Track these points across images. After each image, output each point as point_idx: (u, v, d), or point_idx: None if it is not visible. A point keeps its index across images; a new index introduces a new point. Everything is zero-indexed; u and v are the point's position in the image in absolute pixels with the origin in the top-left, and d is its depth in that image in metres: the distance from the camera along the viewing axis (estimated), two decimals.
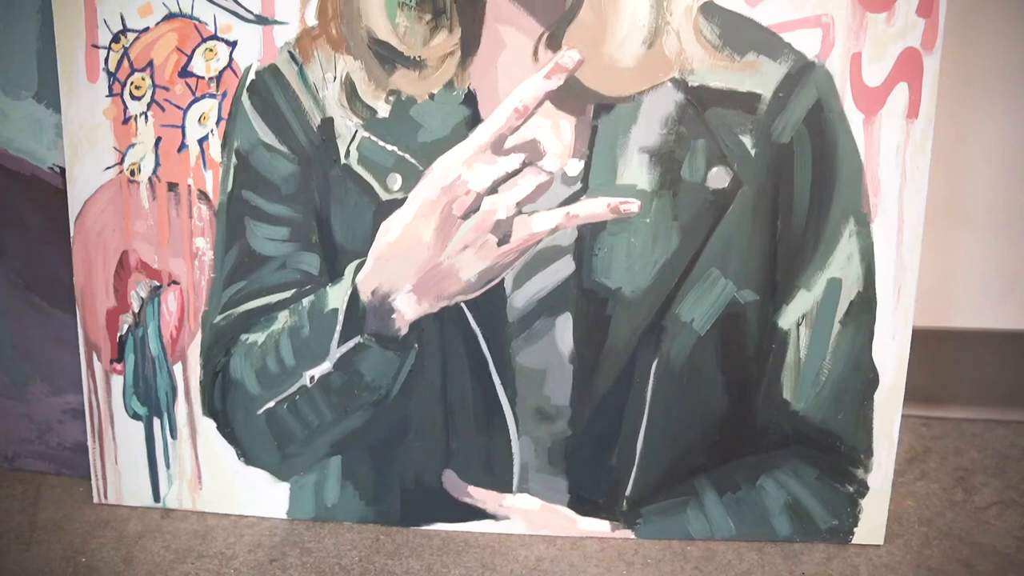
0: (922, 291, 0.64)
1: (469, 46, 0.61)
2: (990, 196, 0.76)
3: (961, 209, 0.77)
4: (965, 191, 0.76)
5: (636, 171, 0.60)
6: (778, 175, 0.60)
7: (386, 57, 0.61)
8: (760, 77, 0.59)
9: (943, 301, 0.80)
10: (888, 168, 0.61)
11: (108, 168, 0.65)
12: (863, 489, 0.65)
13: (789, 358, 0.63)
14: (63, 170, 0.67)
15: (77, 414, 0.71)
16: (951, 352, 0.81)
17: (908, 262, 0.62)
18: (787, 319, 0.62)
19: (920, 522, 0.69)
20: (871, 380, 0.63)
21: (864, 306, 0.62)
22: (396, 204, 0.61)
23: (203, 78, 0.63)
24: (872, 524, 0.65)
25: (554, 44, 0.60)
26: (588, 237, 0.62)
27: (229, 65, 0.63)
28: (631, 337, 0.62)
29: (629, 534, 0.66)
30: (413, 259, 0.61)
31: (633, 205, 0.60)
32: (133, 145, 0.65)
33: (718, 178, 0.60)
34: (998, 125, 0.73)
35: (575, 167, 0.61)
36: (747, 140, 0.60)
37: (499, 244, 0.60)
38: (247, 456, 0.68)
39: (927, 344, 0.75)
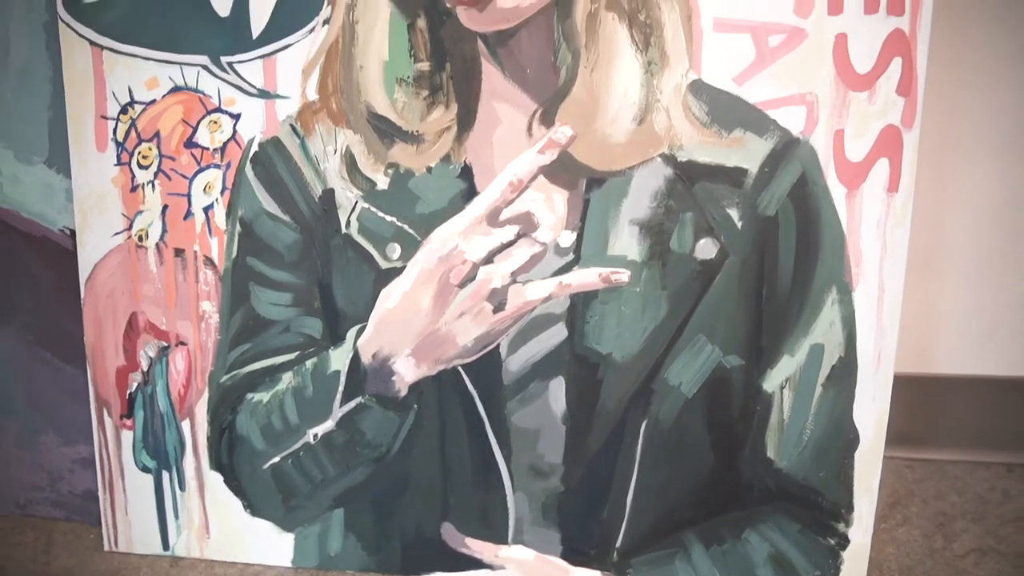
0: (906, 339, 0.66)
1: (465, 122, 0.63)
2: (970, 249, 0.78)
3: (942, 262, 0.79)
4: (946, 244, 0.79)
5: (627, 242, 0.63)
6: (763, 246, 0.63)
7: (385, 131, 0.63)
8: (747, 153, 0.62)
9: (926, 349, 0.82)
10: (869, 239, 0.63)
11: (117, 234, 0.68)
12: (844, 542, 0.67)
13: (773, 419, 0.65)
14: (73, 232, 0.69)
15: (87, 464, 0.74)
16: (934, 397, 0.84)
17: (888, 329, 0.64)
18: (771, 382, 0.65)
19: (900, 570, 0.71)
20: (852, 440, 0.66)
21: (845, 370, 0.64)
22: (395, 272, 0.63)
23: (208, 149, 0.65)
24: (853, 575, 0.68)
25: (547, 120, 0.62)
26: (580, 305, 0.64)
27: (233, 137, 0.65)
28: (621, 399, 0.65)
29: None
30: (412, 325, 0.63)
31: (623, 275, 0.62)
32: (141, 212, 0.67)
33: (705, 249, 0.63)
34: (976, 182, 0.75)
35: (568, 238, 0.63)
36: (734, 213, 0.62)
37: (495, 311, 0.62)
38: (253, 508, 0.71)
39: (911, 389, 0.77)
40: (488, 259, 0.61)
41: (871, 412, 0.65)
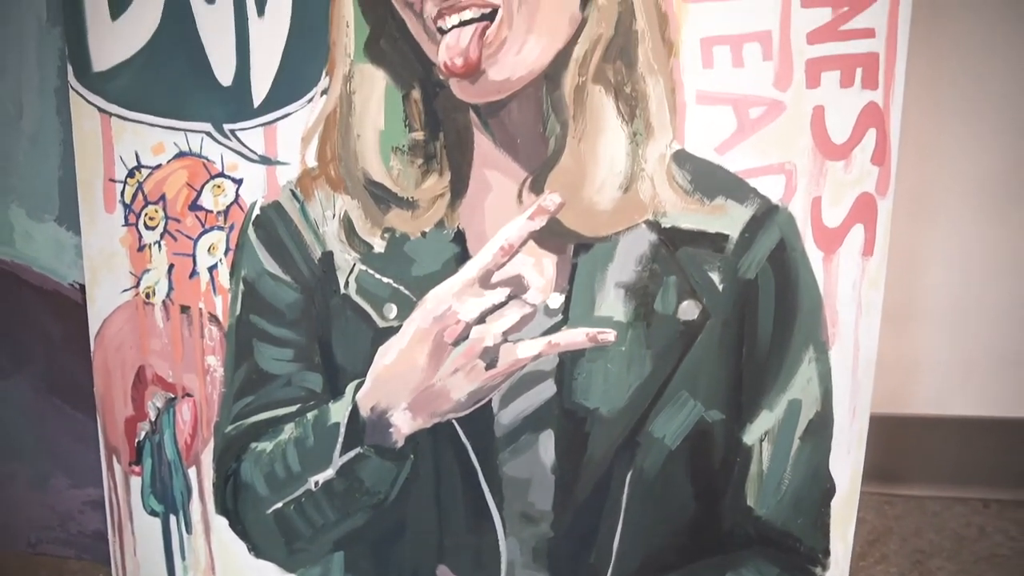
0: (886, 382, 0.69)
1: (458, 189, 0.66)
2: (946, 297, 0.81)
3: (920, 309, 0.82)
4: (924, 292, 0.81)
5: (613, 304, 0.65)
6: (744, 307, 0.66)
7: (381, 197, 0.66)
8: (728, 219, 0.64)
9: (905, 391, 0.85)
10: (845, 301, 0.66)
11: (125, 291, 0.71)
12: None
13: (753, 470, 0.68)
14: (82, 287, 0.72)
15: (97, 505, 0.77)
16: (914, 435, 0.87)
17: (862, 385, 0.67)
18: (751, 436, 0.67)
19: None
20: (828, 489, 0.69)
21: (822, 424, 0.67)
22: (392, 331, 0.66)
23: (212, 212, 0.68)
24: None
25: (537, 188, 0.64)
26: (568, 363, 0.67)
27: (236, 201, 0.68)
28: (608, 451, 0.68)
29: None
30: (408, 380, 0.66)
31: (609, 335, 0.65)
32: (148, 271, 0.70)
33: (688, 311, 0.65)
34: (950, 237, 0.78)
35: (556, 300, 0.66)
36: (715, 276, 0.65)
37: (487, 368, 0.64)
38: (257, 550, 0.73)
39: (892, 428, 0.80)
40: (480, 319, 0.64)
41: (846, 463, 0.68)
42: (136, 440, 0.73)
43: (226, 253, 0.69)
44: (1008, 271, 0.80)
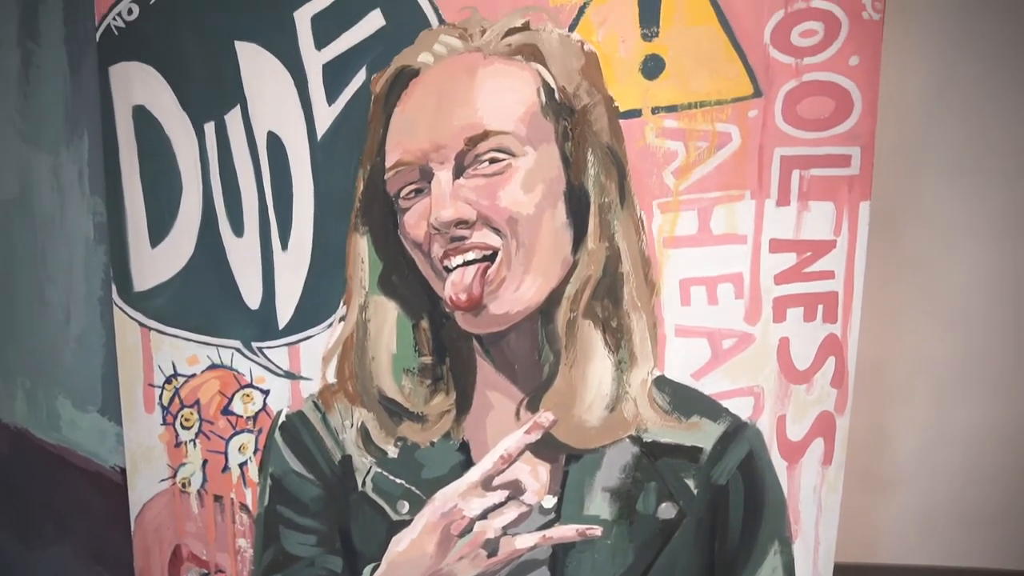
0: (855, 533, 0.77)
1: (463, 406, 0.73)
2: (909, 464, 0.89)
3: (885, 473, 0.90)
4: (888, 460, 0.89)
5: (599, 505, 0.73)
6: (716, 508, 0.74)
7: (394, 411, 0.74)
8: (702, 434, 0.72)
9: (872, 542, 0.94)
10: (807, 503, 0.74)
11: (163, 480, 0.79)
12: None
13: None
14: (123, 470, 0.80)
15: None
16: None
17: (823, 573, 0.75)
18: None
19: None
20: None
21: None
22: (404, 524, 0.74)
23: (242, 417, 0.76)
24: None
25: (533, 407, 0.72)
26: (561, 553, 0.75)
27: (263, 408, 0.75)
28: None
29: None
30: (418, 565, 0.74)
31: (596, 530, 0.73)
32: (184, 464, 0.78)
33: (666, 511, 0.73)
34: (914, 409, 0.86)
35: (550, 501, 0.74)
36: (691, 482, 0.73)
37: (488, 556, 0.73)
38: None
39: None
40: (483, 516, 0.72)
41: None
42: None
43: (255, 452, 0.76)
44: (963, 442, 0.88)
